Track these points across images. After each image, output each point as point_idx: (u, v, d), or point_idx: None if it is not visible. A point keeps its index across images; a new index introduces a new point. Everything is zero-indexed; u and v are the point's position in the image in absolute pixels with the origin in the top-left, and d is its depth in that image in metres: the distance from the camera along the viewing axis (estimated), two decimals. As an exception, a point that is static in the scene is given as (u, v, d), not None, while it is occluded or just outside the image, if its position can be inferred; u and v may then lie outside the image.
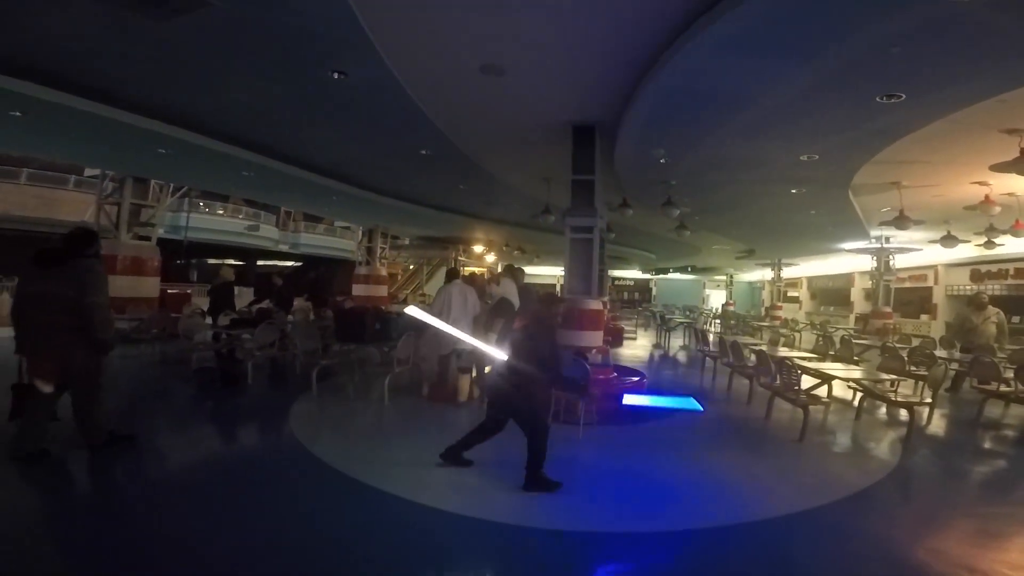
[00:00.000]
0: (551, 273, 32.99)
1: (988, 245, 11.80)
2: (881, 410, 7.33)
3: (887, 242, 16.16)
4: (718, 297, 35.80)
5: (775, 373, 6.54)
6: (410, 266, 32.79)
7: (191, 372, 8.08)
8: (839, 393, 7.54)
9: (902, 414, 6.72)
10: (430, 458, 4.62)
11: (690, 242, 17.66)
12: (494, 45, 5.24)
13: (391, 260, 25.24)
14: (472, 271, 22.79)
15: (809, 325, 20.17)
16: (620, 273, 37.02)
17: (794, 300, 30.80)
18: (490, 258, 26.89)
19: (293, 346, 8.26)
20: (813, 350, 10.40)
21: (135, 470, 4.44)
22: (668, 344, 16.07)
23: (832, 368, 7.00)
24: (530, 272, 23.16)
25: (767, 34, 4.33)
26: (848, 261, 22.07)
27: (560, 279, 16.47)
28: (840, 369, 7.00)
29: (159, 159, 9.69)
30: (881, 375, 6.96)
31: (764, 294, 32.38)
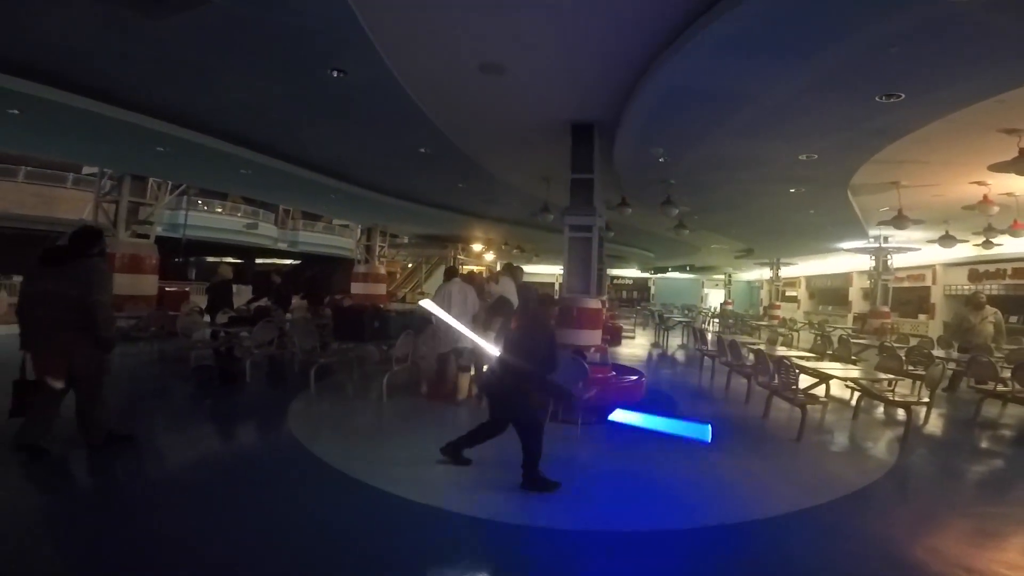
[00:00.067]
0: (550, 272, 32.99)
1: (986, 245, 11.83)
2: (879, 409, 7.35)
3: (885, 242, 16.20)
4: (716, 296, 35.83)
5: (773, 372, 6.55)
6: (409, 264, 32.79)
7: (189, 370, 8.07)
8: (837, 392, 7.56)
9: (900, 413, 6.73)
10: (428, 456, 4.63)
11: (689, 241, 17.68)
12: (494, 44, 5.23)
13: (390, 258, 25.25)
14: (471, 270, 22.80)
15: (807, 324, 20.20)
16: (619, 272, 37.06)
17: (792, 299, 30.87)
18: (489, 256, 26.89)
19: (291, 344, 8.25)
20: (811, 349, 10.43)
21: (134, 469, 4.43)
22: (666, 343, 16.08)
23: (830, 367, 7.02)
24: (529, 271, 23.15)
25: (766, 34, 4.33)
26: (846, 261, 22.12)
27: (559, 278, 16.53)
28: (838, 368, 7.01)
29: (157, 157, 9.68)
30: (879, 374, 6.98)
31: (762, 293, 32.45)
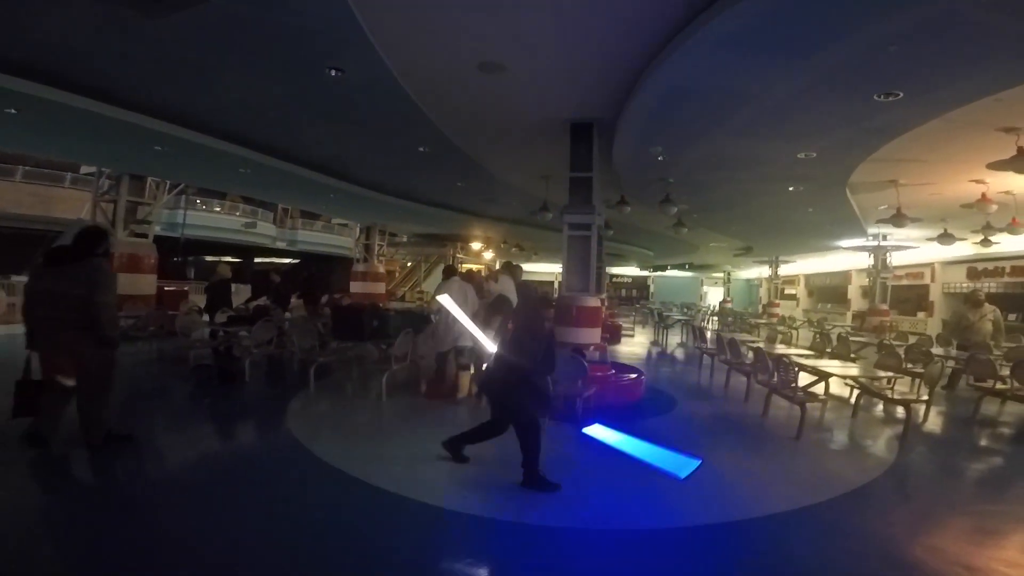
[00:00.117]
0: (549, 270, 32.99)
1: (985, 243, 11.84)
2: (878, 407, 7.35)
3: (884, 240, 16.22)
4: (716, 294, 35.83)
5: (772, 370, 6.55)
6: (408, 263, 32.77)
7: (188, 370, 8.06)
8: (836, 390, 7.58)
9: (899, 411, 6.75)
10: (428, 455, 4.65)
11: (688, 239, 17.67)
12: (493, 43, 5.22)
13: (389, 257, 25.22)
14: (470, 268, 22.80)
15: (806, 322, 20.24)
16: (618, 270, 37.06)
17: (791, 297, 30.89)
18: (488, 255, 26.87)
19: (290, 343, 8.25)
20: (810, 347, 10.43)
21: (133, 468, 4.43)
22: (666, 341, 16.09)
23: (829, 365, 7.02)
24: (528, 269, 23.14)
25: (765, 32, 4.33)
26: (845, 258, 22.15)
27: (558, 276, 16.58)
28: (837, 366, 7.02)
29: (156, 157, 9.65)
30: (878, 372, 7.00)
31: (761, 291, 32.46)
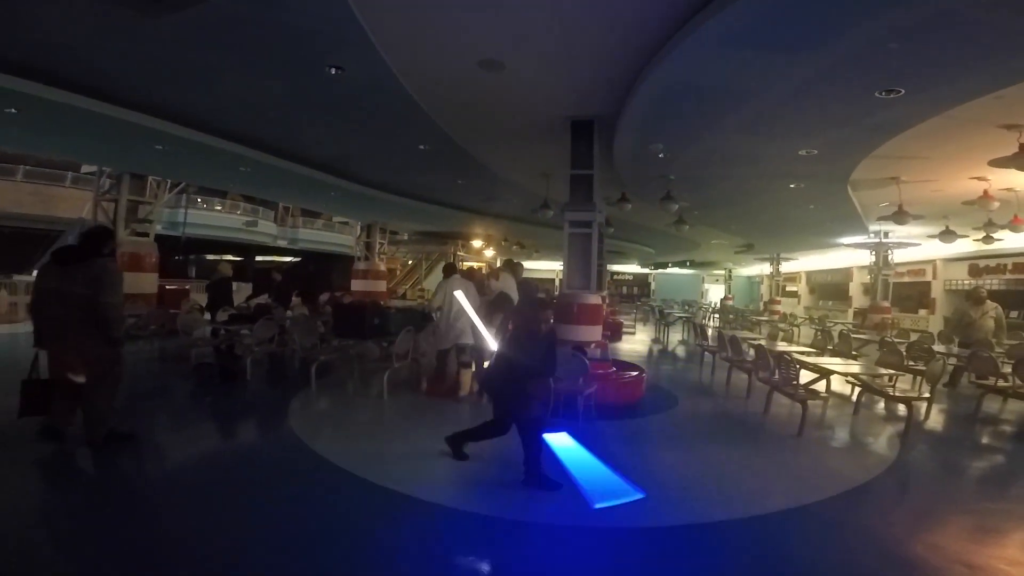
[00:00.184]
0: (550, 268, 32.98)
1: (986, 240, 11.82)
2: (879, 405, 7.35)
3: (886, 237, 16.18)
4: (717, 292, 35.82)
5: (774, 368, 6.55)
6: (409, 261, 32.76)
7: (190, 368, 8.07)
8: (837, 388, 7.56)
9: (900, 409, 6.74)
10: (429, 453, 4.67)
11: (689, 237, 17.64)
12: (493, 40, 5.21)
13: (390, 255, 25.21)
14: (471, 266, 22.78)
15: (808, 320, 20.23)
16: (619, 268, 37.02)
17: (793, 295, 30.88)
18: (489, 253, 26.86)
19: (292, 341, 8.26)
20: (811, 345, 10.42)
21: (135, 467, 4.44)
22: (667, 339, 16.08)
23: (830, 363, 7.03)
24: (529, 267, 23.13)
25: (766, 29, 4.31)
26: (847, 256, 22.11)
27: (559, 274, 16.55)
28: (838, 364, 7.01)
29: (156, 155, 9.66)
30: (879, 370, 6.98)
31: (763, 288, 32.44)
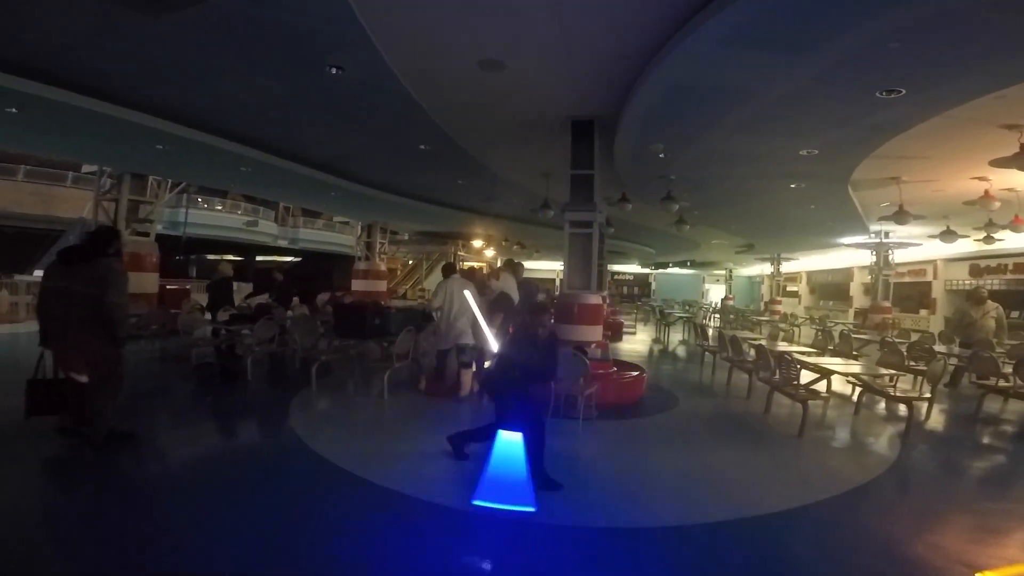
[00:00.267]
0: (551, 268, 32.97)
1: (987, 240, 11.82)
2: (880, 405, 7.34)
3: (886, 237, 16.18)
4: (717, 292, 35.80)
5: (774, 368, 6.54)
6: (409, 261, 32.77)
7: (191, 368, 8.07)
8: (838, 388, 7.55)
9: (901, 409, 6.74)
10: (430, 453, 4.67)
11: (689, 237, 17.65)
12: (493, 40, 5.21)
13: (390, 255, 25.22)
14: (471, 266, 22.78)
15: (808, 320, 20.21)
16: (619, 268, 37.02)
17: (793, 295, 30.88)
18: (489, 253, 26.87)
19: (292, 341, 8.26)
20: (812, 345, 10.42)
21: (133, 466, 4.45)
22: (667, 339, 16.08)
23: (831, 363, 7.02)
24: (530, 267, 23.12)
25: (766, 29, 4.31)
26: (847, 256, 22.11)
27: (559, 274, 16.55)
28: (839, 364, 7.00)
29: (157, 155, 9.66)
30: (880, 370, 6.98)
31: (763, 288, 32.43)
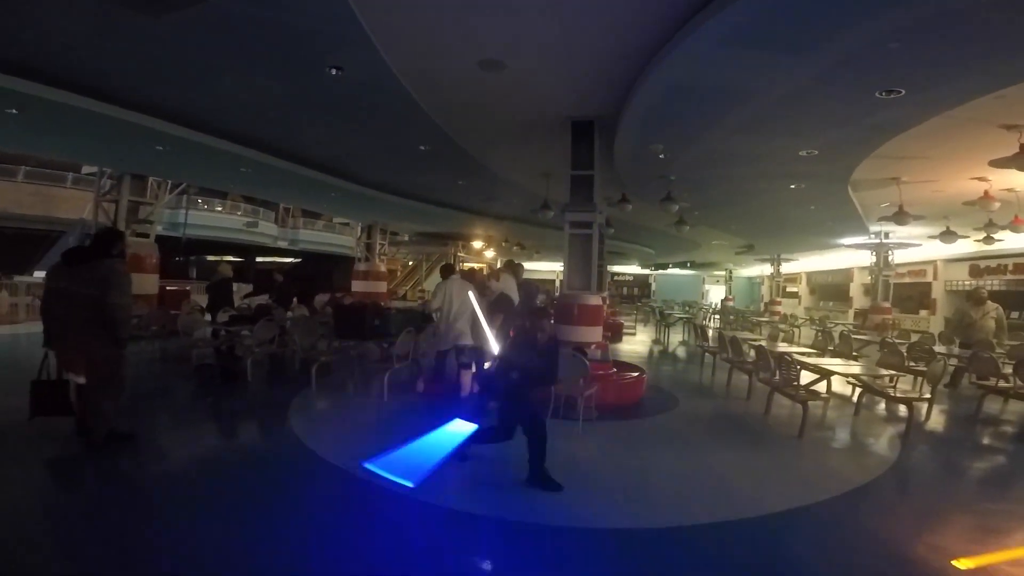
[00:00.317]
0: (551, 268, 32.98)
1: (987, 240, 11.83)
2: (880, 406, 7.33)
3: (886, 237, 16.18)
4: (717, 292, 35.78)
5: (774, 368, 6.54)
6: (409, 262, 32.78)
7: (191, 369, 8.06)
8: (838, 389, 7.55)
9: (901, 410, 6.73)
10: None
11: (689, 237, 17.66)
12: (493, 40, 5.21)
13: (390, 256, 25.22)
14: (471, 267, 22.77)
15: (808, 320, 20.20)
16: (619, 268, 37.02)
17: (793, 295, 30.88)
18: (489, 254, 26.87)
19: (292, 342, 8.26)
20: (812, 345, 10.41)
21: (134, 467, 4.43)
22: (667, 340, 16.07)
23: (831, 364, 7.01)
24: (530, 267, 23.13)
25: (766, 29, 4.31)
26: (847, 256, 22.10)
27: (559, 274, 16.55)
28: (839, 365, 7.00)
29: (157, 156, 9.66)
30: (880, 371, 6.98)
31: (763, 289, 32.43)
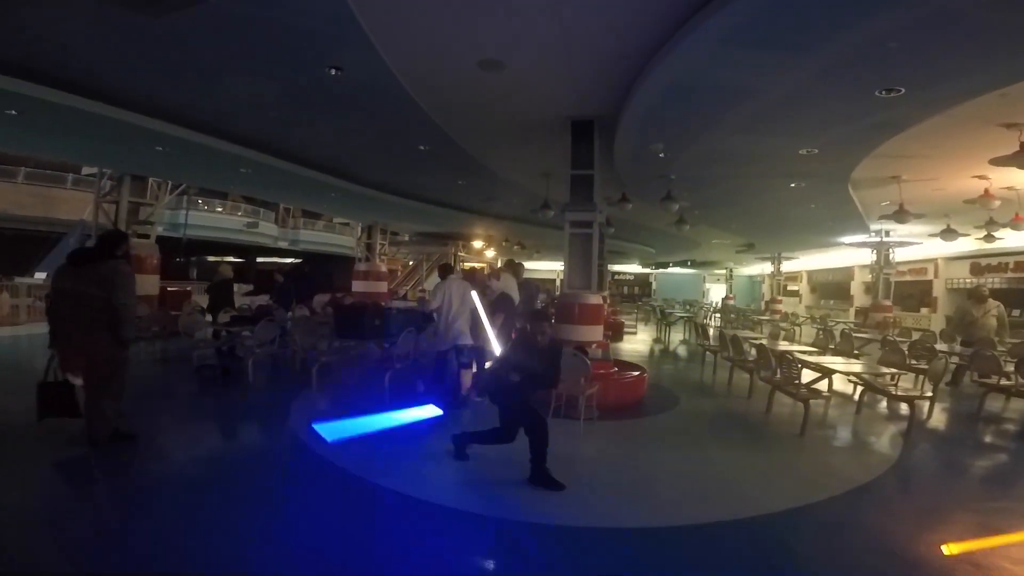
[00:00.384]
0: (551, 268, 32.97)
1: (988, 239, 11.82)
2: (882, 404, 7.33)
3: (887, 236, 16.17)
4: (718, 291, 35.75)
5: (776, 367, 6.54)
6: (410, 262, 32.78)
7: (192, 370, 8.07)
8: (840, 387, 7.55)
9: (903, 408, 6.73)
10: (430, 454, 4.67)
11: (690, 236, 17.64)
12: (492, 40, 5.20)
13: (391, 256, 25.21)
14: (471, 267, 22.76)
15: (809, 319, 20.19)
16: (620, 268, 36.99)
17: (794, 294, 30.84)
18: (490, 253, 26.87)
19: (293, 343, 8.26)
20: (813, 344, 10.41)
21: (136, 467, 4.43)
22: (668, 339, 16.07)
23: (832, 362, 7.01)
24: (530, 267, 23.14)
25: (766, 27, 4.30)
26: (848, 255, 22.08)
27: (560, 274, 16.54)
28: (840, 363, 7.00)
29: (157, 157, 9.66)
30: (881, 369, 6.98)
31: (764, 288, 32.40)
